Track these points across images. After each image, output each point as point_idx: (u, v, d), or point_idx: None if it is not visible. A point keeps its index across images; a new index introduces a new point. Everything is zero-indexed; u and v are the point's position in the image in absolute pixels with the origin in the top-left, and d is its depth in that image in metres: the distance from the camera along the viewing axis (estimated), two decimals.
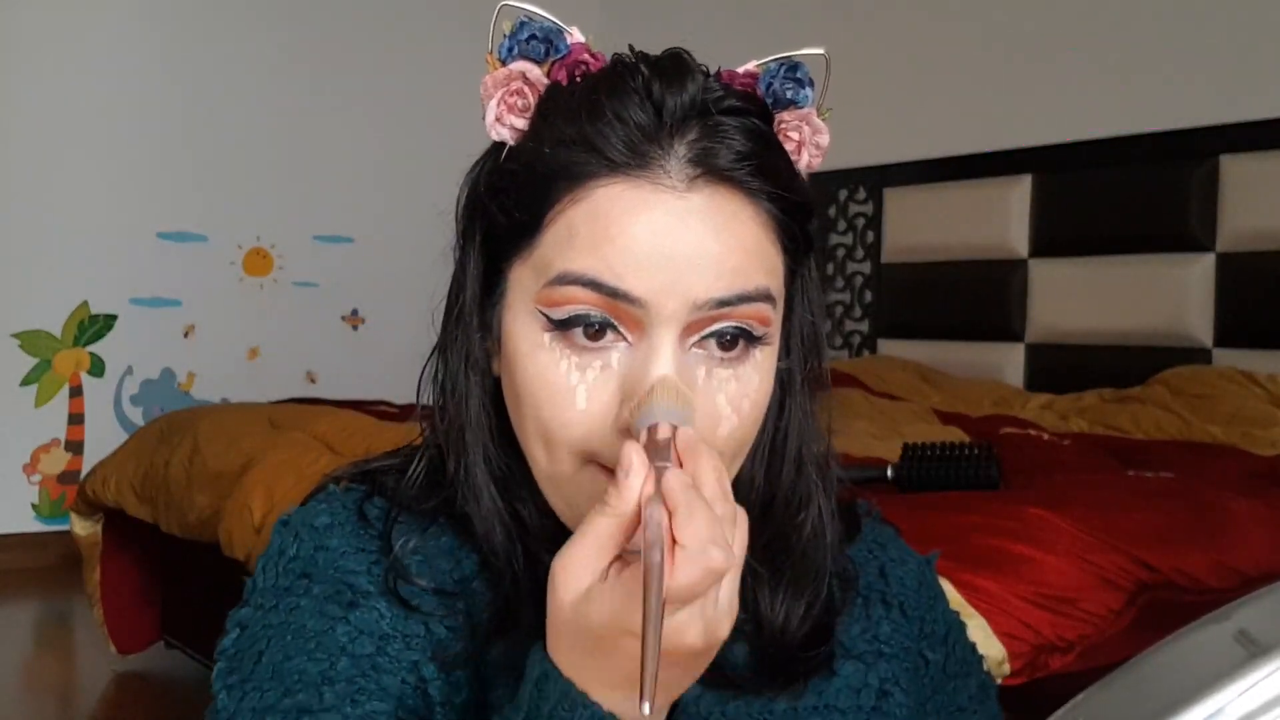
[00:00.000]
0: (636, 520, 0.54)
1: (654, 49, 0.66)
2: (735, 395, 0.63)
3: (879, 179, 4.15)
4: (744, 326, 0.63)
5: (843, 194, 4.27)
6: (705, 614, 0.54)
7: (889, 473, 2.07)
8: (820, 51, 0.68)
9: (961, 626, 0.84)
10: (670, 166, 0.61)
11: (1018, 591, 1.54)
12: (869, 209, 4.22)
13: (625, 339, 0.62)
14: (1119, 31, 3.56)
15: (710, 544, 0.52)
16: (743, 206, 0.62)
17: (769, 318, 0.63)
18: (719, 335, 0.62)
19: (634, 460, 0.54)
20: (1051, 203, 3.65)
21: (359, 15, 4.87)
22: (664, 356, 0.61)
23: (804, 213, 0.66)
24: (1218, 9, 3.34)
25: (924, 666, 0.79)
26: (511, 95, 0.65)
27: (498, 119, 0.65)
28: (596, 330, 0.61)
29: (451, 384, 0.69)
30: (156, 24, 4.52)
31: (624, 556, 0.55)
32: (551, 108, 0.64)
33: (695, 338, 0.62)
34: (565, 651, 0.56)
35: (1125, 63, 3.53)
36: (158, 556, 3.02)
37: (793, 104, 0.67)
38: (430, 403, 0.71)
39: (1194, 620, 0.68)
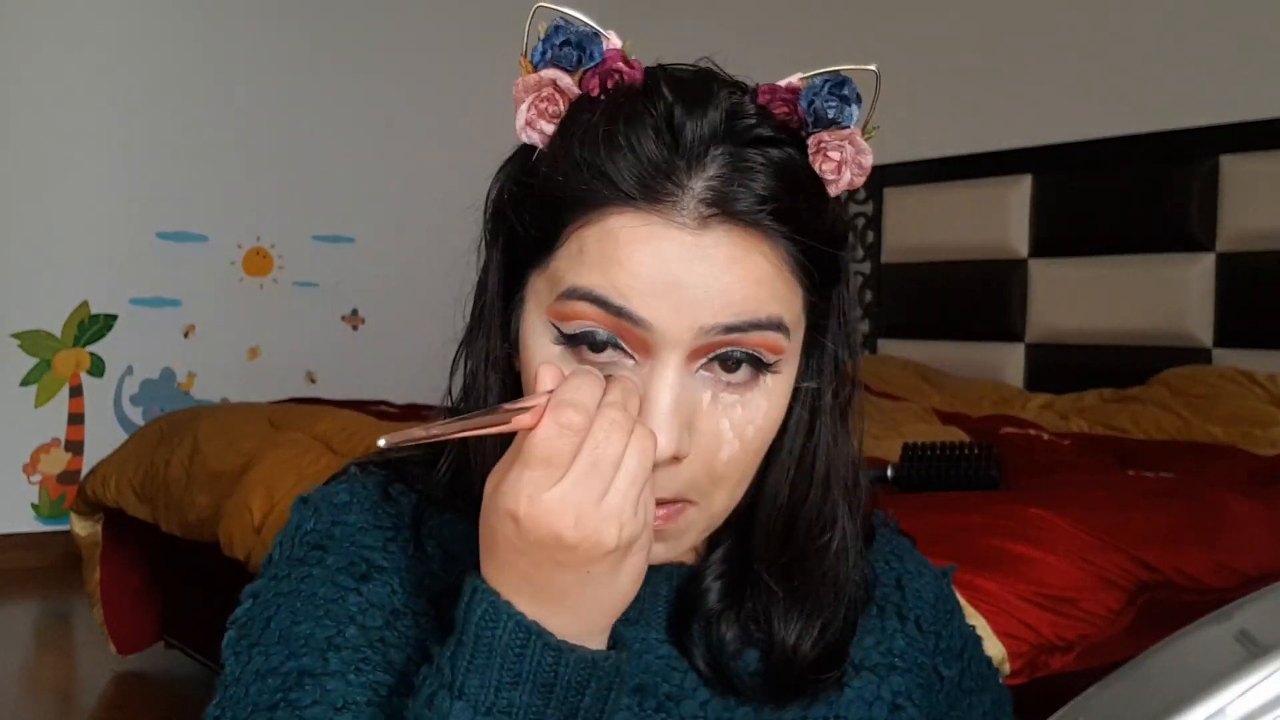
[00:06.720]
0: None
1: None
2: (740, 421, 0.62)
3: (879, 179, 4.14)
4: (752, 353, 0.61)
5: (843, 194, 4.26)
6: (577, 503, 0.54)
7: (889, 473, 2.07)
8: (872, 68, 0.65)
9: (978, 641, 0.84)
10: (684, 203, 0.59)
11: (1018, 591, 1.54)
12: (869, 209, 4.22)
13: (632, 358, 0.61)
14: (1119, 32, 3.56)
15: (569, 404, 0.55)
16: (758, 244, 0.61)
17: (780, 346, 0.62)
18: (724, 359, 0.61)
19: (544, 375, 0.59)
20: (1051, 203, 3.65)
21: (359, 15, 4.87)
22: (668, 378, 0.60)
23: (831, 245, 0.64)
24: (1217, 9, 3.34)
25: (938, 682, 0.78)
26: (542, 101, 0.63)
27: (528, 123, 0.64)
28: (601, 347, 0.61)
29: (473, 381, 0.69)
30: (157, 24, 4.52)
31: None
32: (573, 125, 0.62)
33: (702, 361, 0.61)
34: (485, 559, 0.58)
35: (1125, 63, 3.53)
36: (158, 556, 3.02)
37: (835, 124, 0.64)
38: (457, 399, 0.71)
39: (1194, 620, 0.68)
